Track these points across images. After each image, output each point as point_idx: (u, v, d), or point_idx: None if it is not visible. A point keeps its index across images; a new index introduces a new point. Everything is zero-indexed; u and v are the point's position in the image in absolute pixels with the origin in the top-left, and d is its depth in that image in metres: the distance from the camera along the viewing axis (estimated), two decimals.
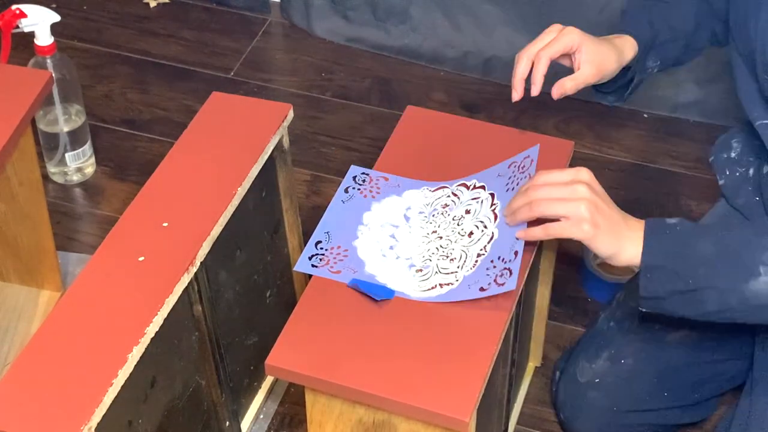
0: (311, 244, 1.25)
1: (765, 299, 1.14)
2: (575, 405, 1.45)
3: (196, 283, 1.24)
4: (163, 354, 1.21)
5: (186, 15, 2.26)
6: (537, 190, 1.17)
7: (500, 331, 1.15)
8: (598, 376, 1.43)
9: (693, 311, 1.19)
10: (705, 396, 1.47)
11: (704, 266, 1.15)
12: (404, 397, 1.09)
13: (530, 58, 1.31)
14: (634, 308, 1.45)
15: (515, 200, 1.20)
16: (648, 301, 1.19)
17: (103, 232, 1.61)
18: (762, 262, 1.14)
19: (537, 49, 1.31)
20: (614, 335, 1.44)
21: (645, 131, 1.99)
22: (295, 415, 1.54)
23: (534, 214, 1.17)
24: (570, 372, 1.47)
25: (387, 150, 1.37)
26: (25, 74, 1.52)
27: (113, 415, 1.09)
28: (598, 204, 1.16)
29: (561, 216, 1.16)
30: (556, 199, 1.16)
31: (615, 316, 1.46)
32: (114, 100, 2.06)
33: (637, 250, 1.17)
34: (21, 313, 1.62)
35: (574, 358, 1.47)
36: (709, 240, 1.16)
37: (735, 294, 1.15)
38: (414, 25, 2.11)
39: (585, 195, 1.15)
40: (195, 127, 1.39)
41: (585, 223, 1.15)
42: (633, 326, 1.44)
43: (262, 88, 2.08)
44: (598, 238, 1.16)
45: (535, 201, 1.17)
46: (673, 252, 1.17)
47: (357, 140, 1.98)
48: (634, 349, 1.42)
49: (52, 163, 1.86)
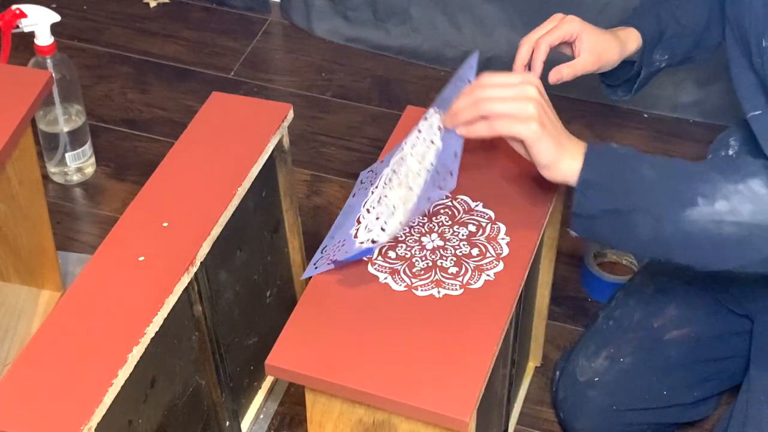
0: (318, 251, 1.25)
1: (700, 232, 1.10)
2: (575, 404, 1.45)
3: (196, 283, 1.24)
4: (163, 354, 1.21)
5: (186, 15, 2.26)
6: (483, 90, 1.14)
7: (500, 331, 1.15)
8: (597, 375, 1.43)
9: (625, 236, 1.15)
10: (704, 395, 1.47)
11: (642, 188, 1.12)
12: (404, 397, 1.09)
13: (530, 45, 1.30)
14: (634, 306, 1.46)
15: (458, 102, 1.16)
16: (580, 219, 1.15)
17: (103, 232, 1.62)
18: (702, 194, 1.10)
19: (537, 36, 1.30)
20: (613, 334, 1.44)
21: (645, 131, 1.99)
22: (295, 415, 1.54)
23: (479, 113, 1.13)
24: (569, 371, 1.47)
25: (387, 150, 1.37)
26: (25, 74, 1.52)
27: (113, 415, 1.09)
28: (546, 108, 1.14)
29: (508, 114, 1.12)
30: (504, 98, 1.13)
31: (614, 315, 1.46)
32: (114, 100, 2.06)
33: (576, 164, 1.14)
34: (21, 313, 1.62)
35: (573, 357, 1.48)
36: (651, 165, 1.13)
37: (670, 222, 1.11)
38: (414, 25, 2.11)
39: (534, 96, 1.13)
40: (195, 127, 1.39)
41: (533, 122, 1.11)
42: (632, 325, 1.44)
43: (262, 88, 2.08)
44: (542, 140, 1.12)
45: (480, 100, 1.13)
46: (612, 170, 1.13)
47: (357, 140, 1.98)
48: (632, 348, 1.43)
49: (52, 163, 1.86)
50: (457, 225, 1.26)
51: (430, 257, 1.23)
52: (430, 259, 1.23)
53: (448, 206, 1.29)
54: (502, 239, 1.25)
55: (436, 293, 1.19)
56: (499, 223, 1.27)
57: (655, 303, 1.45)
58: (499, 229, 1.26)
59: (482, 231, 1.26)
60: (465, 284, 1.20)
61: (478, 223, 1.27)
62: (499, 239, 1.25)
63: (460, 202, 1.29)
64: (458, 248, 1.24)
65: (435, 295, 1.19)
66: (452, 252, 1.23)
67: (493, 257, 1.22)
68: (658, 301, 1.45)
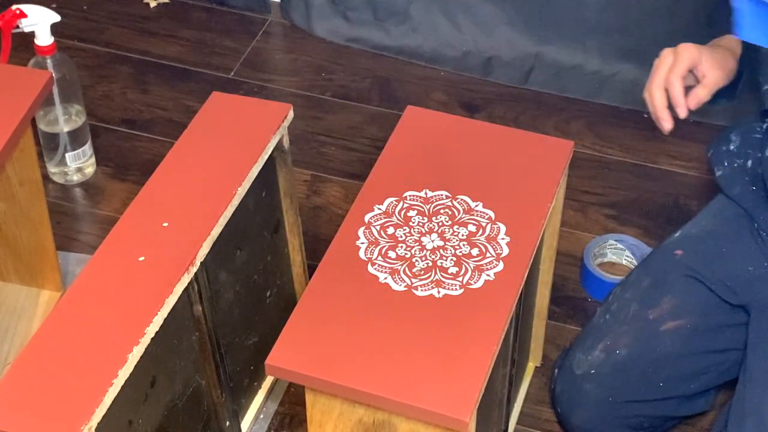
0: None
1: None
2: (572, 397, 1.46)
3: (196, 283, 1.24)
4: (163, 354, 1.21)
5: (186, 15, 2.26)
6: None
7: (500, 331, 1.15)
8: (594, 367, 1.43)
9: None
10: (701, 387, 1.47)
11: None
12: (404, 397, 1.09)
13: (661, 87, 1.37)
14: (630, 300, 1.46)
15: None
16: None
17: (103, 232, 1.62)
18: None
19: (664, 76, 1.38)
20: (610, 327, 1.45)
21: (645, 131, 1.98)
22: (295, 415, 1.54)
23: None
24: (566, 365, 1.47)
25: (387, 150, 1.37)
26: (25, 74, 1.52)
27: (113, 415, 1.09)
28: None
29: None
30: None
31: (611, 309, 1.47)
32: (114, 100, 2.06)
33: None
34: (21, 313, 1.62)
35: (571, 352, 1.48)
36: None
37: None
38: (414, 25, 2.11)
39: None
40: (195, 127, 1.39)
41: None
42: (628, 317, 1.44)
43: (262, 88, 2.08)
44: None
45: None
46: None
47: (357, 140, 1.98)
48: (628, 340, 1.43)
49: (52, 163, 1.86)
50: (457, 225, 1.26)
51: (430, 257, 1.23)
52: (430, 259, 1.23)
53: (448, 206, 1.29)
54: (502, 239, 1.25)
55: (436, 293, 1.19)
56: (499, 223, 1.27)
57: (651, 295, 1.45)
58: (499, 229, 1.26)
59: (482, 231, 1.26)
60: (465, 284, 1.20)
61: (478, 223, 1.27)
62: (499, 239, 1.25)
63: (460, 202, 1.29)
64: (458, 248, 1.24)
65: (435, 295, 1.19)
66: (452, 252, 1.23)
67: (493, 257, 1.23)
68: (653, 293, 1.45)
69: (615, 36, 1.98)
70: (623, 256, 1.74)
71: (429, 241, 1.25)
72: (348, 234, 1.26)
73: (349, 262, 1.23)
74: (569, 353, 1.49)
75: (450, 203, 1.29)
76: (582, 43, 2.01)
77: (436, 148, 1.37)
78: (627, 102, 2.03)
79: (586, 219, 1.82)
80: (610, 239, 1.74)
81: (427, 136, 1.39)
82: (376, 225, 1.27)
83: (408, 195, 1.31)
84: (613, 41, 1.98)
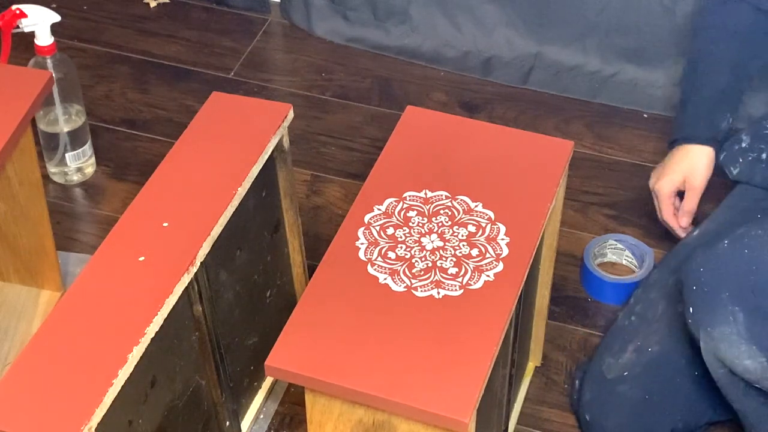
0: None
1: None
2: (604, 403, 1.43)
3: (196, 283, 1.24)
4: (163, 354, 1.21)
5: (186, 15, 2.26)
6: None
7: (500, 331, 1.15)
8: (626, 369, 1.42)
9: None
10: None
11: None
12: (404, 397, 1.09)
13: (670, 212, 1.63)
14: (656, 299, 1.46)
15: None
16: None
17: (103, 232, 1.62)
18: None
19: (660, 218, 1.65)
20: (638, 328, 1.44)
21: (645, 131, 1.98)
22: (295, 415, 1.54)
23: None
24: (595, 371, 1.46)
25: (387, 150, 1.37)
26: (25, 74, 1.52)
27: (113, 415, 1.09)
28: None
29: None
30: None
31: (635, 311, 1.47)
32: (114, 100, 2.06)
33: None
34: (21, 313, 1.62)
35: (597, 358, 1.47)
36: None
37: None
38: (414, 25, 2.11)
39: None
40: (195, 127, 1.39)
41: None
42: (656, 315, 1.43)
43: (262, 88, 2.08)
44: None
45: None
46: None
47: (357, 140, 1.98)
48: (659, 337, 1.42)
49: (52, 163, 1.86)
50: (457, 225, 1.26)
51: (429, 258, 1.23)
52: (430, 259, 1.23)
53: (448, 206, 1.29)
54: (502, 239, 1.25)
55: (435, 294, 1.19)
56: (498, 223, 1.27)
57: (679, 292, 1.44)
58: (499, 229, 1.26)
59: (482, 231, 1.26)
60: (465, 285, 1.20)
61: (478, 224, 1.27)
62: (498, 239, 1.25)
63: (459, 203, 1.29)
64: (458, 249, 1.24)
65: (435, 296, 1.19)
66: (452, 252, 1.23)
67: (493, 258, 1.23)
68: None
69: (615, 36, 1.98)
70: (623, 256, 1.74)
71: (429, 241, 1.25)
72: (348, 234, 1.26)
73: (349, 262, 1.23)
74: (595, 359, 1.48)
75: (450, 203, 1.29)
76: (582, 43, 2.01)
77: (435, 148, 1.37)
78: (627, 102, 2.03)
79: (586, 219, 1.82)
80: (610, 239, 1.74)
81: (427, 136, 1.39)
82: (375, 225, 1.27)
83: (408, 195, 1.31)
84: (613, 41, 1.98)
